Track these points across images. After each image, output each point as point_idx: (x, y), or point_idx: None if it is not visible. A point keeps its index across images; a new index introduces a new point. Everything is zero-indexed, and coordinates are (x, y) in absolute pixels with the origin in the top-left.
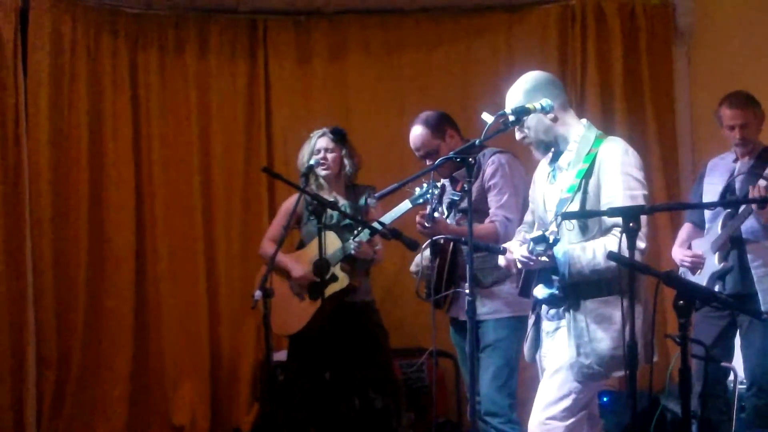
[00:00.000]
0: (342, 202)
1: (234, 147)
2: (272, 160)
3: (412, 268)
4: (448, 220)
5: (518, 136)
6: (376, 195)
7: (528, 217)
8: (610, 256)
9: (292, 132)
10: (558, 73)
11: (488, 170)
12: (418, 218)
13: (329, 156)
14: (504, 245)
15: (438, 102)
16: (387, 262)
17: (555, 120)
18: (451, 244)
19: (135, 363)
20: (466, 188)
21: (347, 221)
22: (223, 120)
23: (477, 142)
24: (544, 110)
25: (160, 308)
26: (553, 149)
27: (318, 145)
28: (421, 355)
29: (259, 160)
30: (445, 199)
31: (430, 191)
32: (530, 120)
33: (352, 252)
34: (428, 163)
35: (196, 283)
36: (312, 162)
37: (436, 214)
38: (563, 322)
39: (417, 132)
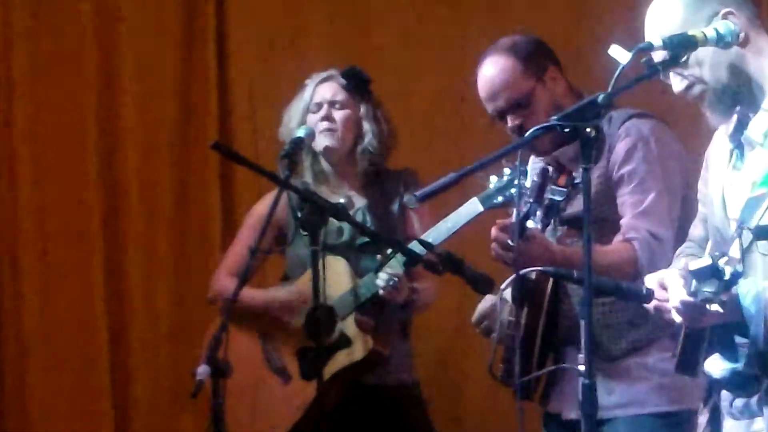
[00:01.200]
0: (359, 203)
1: (160, 110)
2: (230, 132)
3: (477, 319)
4: (548, 236)
5: (677, 85)
6: (420, 192)
7: (696, 231)
8: None
9: (264, 83)
10: None
11: (620, 148)
12: (494, 233)
13: (338, 116)
14: (649, 282)
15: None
16: (438, 311)
17: (743, 49)
18: (551, 281)
19: None
20: (578, 181)
21: (365, 240)
22: (140, 65)
23: (601, 97)
24: (722, 40)
25: (21, 361)
26: (739, 107)
27: (318, 96)
28: None
29: (207, 132)
30: (533, 193)
31: (517, 184)
32: (700, 54)
33: (378, 293)
34: (511, 126)
35: (91, 335)
36: (303, 130)
37: (530, 224)
38: (761, 422)
39: (498, 65)
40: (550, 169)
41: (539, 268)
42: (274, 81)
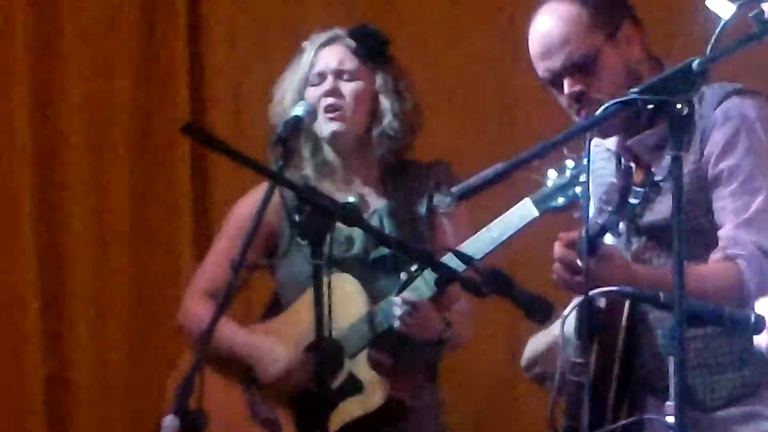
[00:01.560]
0: (375, 204)
1: (112, 83)
2: (204, 111)
3: (529, 362)
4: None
5: None
6: (457, 188)
7: None
8: None
9: (249, 44)
10: None
11: (717, 137)
12: (558, 251)
13: (346, 89)
14: (760, 309)
15: None
16: (478, 346)
17: None
18: (627, 306)
19: None
20: (660, 178)
21: (384, 251)
22: (86, 27)
23: (696, 63)
24: None
25: None
26: None
27: (320, 64)
28: None
29: (174, 111)
30: (612, 199)
31: (583, 179)
32: None
33: (397, 325)
34: (569, 93)
35: (23, 376)
36: (302, 107)
37: (608, 240)
38: None
39: (557, 13)
40: (633, 165)
41: (613, 288)
42: (263, 41)
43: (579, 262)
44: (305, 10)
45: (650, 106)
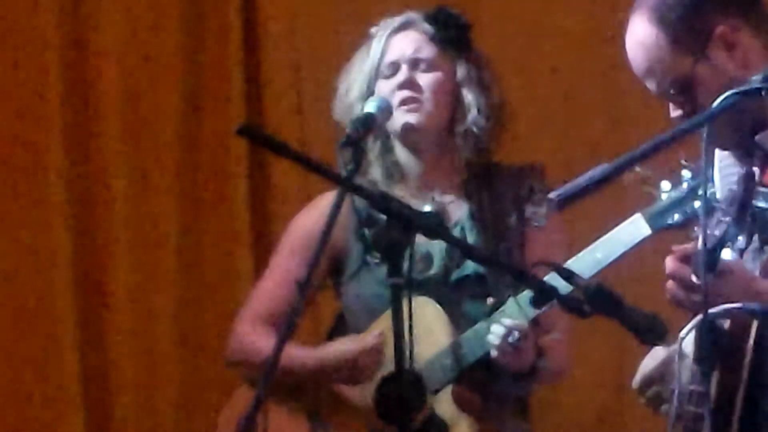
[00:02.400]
0: (457, 214)
1: (158, 79)
2: (262, 109)
3: (642, 383)
4: (747, 264)
5: None
6: (558, 193)
7: None
8: None
9: (312, 35)
10: None
11: None
12: (671, 265)
13: (424, 80)
14: None
15: None
16: (579, 375)
17: None
18: (755, 328)
19: None
20: None
21: (467, 271)
22: (124, 14)
23: None
24: None
25: None
26: None
27: (393, 53)
28: None
29: (228, 110)
30: (731, 209)
31: (703, 194)
32: None
33: (494, 355)
34: (674, 117)
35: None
36: (375, 103)
37: (726, 254)
38: None
39: (638, 36)
40: (756, 172)
41: (737, 305)
42: (326, 29)
43: (695, 278)
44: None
45: None
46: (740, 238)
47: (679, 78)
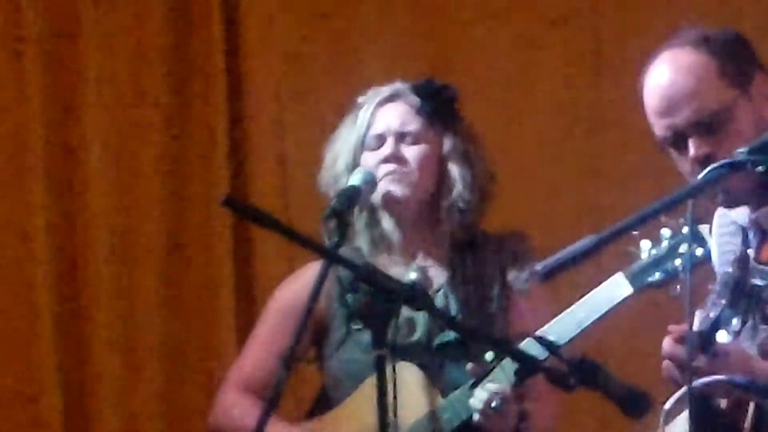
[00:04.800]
0: (440, 280)
1: (142, 132)
2: (245, 171)
3: None
4: (744, 342)
5: None
6: (543, 265)
7: None
8: None
9: (296, 94)
10: None
11: None
12: (667, 347)
13: (410, 153)
14: None
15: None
16: None
17: None
18: (751, 410)
19: None
20: None
21: (449, 336)
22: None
23: None
24: None
25: None
26: None
27: (379, 124)
28: None
29: (211, 172)
30: (726, 290)
31: (683, 250)
32: None
33: (477, 419)
34: (695, 156)
35: None
36: (360, 176)
37: (722, 337)
38: None
39: (682, 64)
40: (751, 253)
41: (720, 378)
42: (311, 97)
43: (686, 356)
44: (360, 59)
45: (760, 169)
46: (734, 321)
47: (720, 109)
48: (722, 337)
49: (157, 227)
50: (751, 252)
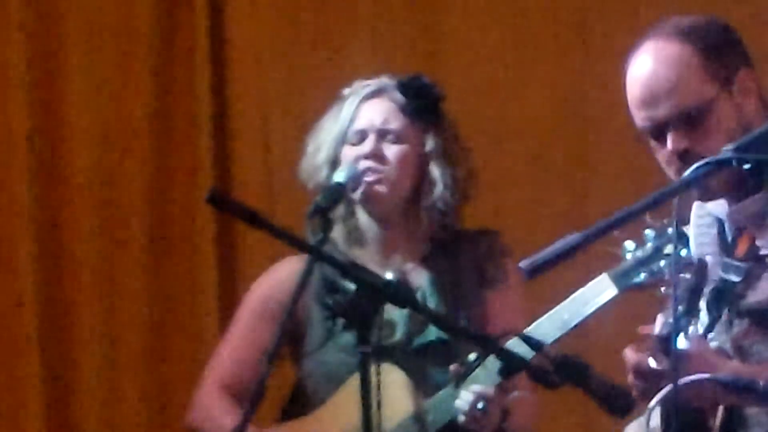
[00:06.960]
0: (417, 280)
1: (125, 129)
2: (229, 173)
3: None
4: (712, 342)
5: None
6: (528, 262)
7: None
8: None
9: (281, 91)
10: None
11: None
12: (631, 359)
13: (390, 152)
14: None
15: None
16: None
17: None
18: (721, 410)
19: None
20: (765, 251)
21: (430, 337)
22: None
23: None
24: None
25: None
26: None
27: (362, 120)
28: None
29: (194, 171)
30: (710, 281)
31: (668, 251)
32: None
33: (462, 420)
34: (672, 149)
35: None
36: (345, 172)
37: (683, 343)
38: None
39: (665, 54)
40: (709, 260)
41: (702, 376)
42: (294, 90)
43: (652, 362)
44: (347, 52)
45: (747, 166)
46: (691, 327)
47: (700, 104)
48: (681, 341)
49: (140, 219)
50: (708, 260)
